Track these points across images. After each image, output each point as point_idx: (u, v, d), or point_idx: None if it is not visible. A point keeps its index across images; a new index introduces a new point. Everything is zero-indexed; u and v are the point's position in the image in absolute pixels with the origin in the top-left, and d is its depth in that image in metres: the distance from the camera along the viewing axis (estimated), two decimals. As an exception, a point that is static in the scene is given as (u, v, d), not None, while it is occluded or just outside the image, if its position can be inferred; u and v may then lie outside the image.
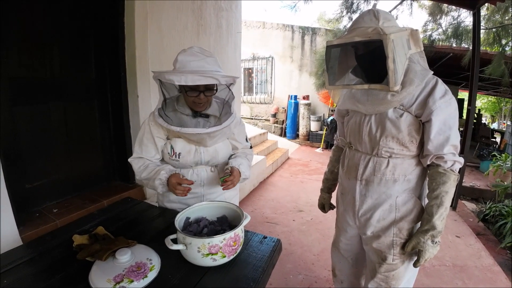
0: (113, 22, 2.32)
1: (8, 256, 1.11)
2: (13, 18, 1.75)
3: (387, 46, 1.04)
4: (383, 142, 1.24)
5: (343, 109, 1.49)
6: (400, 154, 1.25)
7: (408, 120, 1.19)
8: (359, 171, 1.34)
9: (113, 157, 2.55)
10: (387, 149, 1.24)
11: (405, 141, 1.21)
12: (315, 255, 2.65)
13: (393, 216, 1.30)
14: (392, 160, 1.26)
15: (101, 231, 1.23)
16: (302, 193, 4.25)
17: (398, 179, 1.28)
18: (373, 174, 1.30)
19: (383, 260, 1.34)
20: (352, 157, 1.40)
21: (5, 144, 1.65)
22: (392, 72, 1.07)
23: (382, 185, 1.30)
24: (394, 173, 1.27)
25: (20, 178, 1.87)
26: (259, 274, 1.04)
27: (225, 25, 3.76)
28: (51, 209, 2.00)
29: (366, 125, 1.30)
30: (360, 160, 1.35)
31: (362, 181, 1.34)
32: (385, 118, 1.22)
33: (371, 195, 1.33)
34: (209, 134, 1.30)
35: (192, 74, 1.16)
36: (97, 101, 2.37)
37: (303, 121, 8.17)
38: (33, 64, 1.90)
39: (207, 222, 1.20)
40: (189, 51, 1.25)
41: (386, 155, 1.26)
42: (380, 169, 1.28)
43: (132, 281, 0.93)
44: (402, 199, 1.29)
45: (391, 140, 1.22)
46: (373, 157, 1.30)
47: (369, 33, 1.09)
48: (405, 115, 1.19)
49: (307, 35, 8.67)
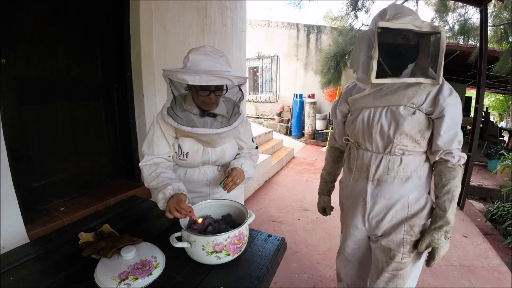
0: (119, 22, 2.34)
1: (15, 253, 1.12)
2: (20, 18, 1.77)
3: (443, 39, 1.05)
4: (397, 139, 1.21)
5: (344, 108, 1.45)
6: (413, 151, 1.24)
7: (420, 118, 1.19)
8: (371, 171, 1.31)
9: (119, 156, 2.57)
10: (401, 146, 1.22)
11: (417, 138, 1.21)
12: (320, 254, 2.64)
13: (405, 214, 1.29)
14: (405, 158, 1.25)
15: (107, 229, 1.25)
16: (308, 192, 4.23)
17: (411, 176, 1.26)
18: (386, 173, 1.28)
19: (391, 259, 1.31)
20: (361, 157, 1.35)
21: (12, 143, 1.67)
22: (441, 65, 1.07)
23: (395, 184, 1.27)
24: (407, 170, 1.26)
25: (28, 177, 1.89)
26: (263, 272, 1.04)
27: (229, 24, 3.76)
28: (58, 207, 2.02)
29: (377, 123, 1.26)
30: (371, 160, 1.30)
31: (374, 181, 1.31)
32: (398, 116, 1.21)
33: (384, 195, 1.30)
34: (219, 135, 1.29)
35: (207, 74, 1.15)
36: (104, 101, 2.39)
37: (309, 119, 8.15)
38: (40, 64, 1.92)
39: (211, 220, 1.20)
40: (202, 50, 1.23)
41: (399, 153, 1.24)
42: (394, 167, 1.26)
43: (137, 279, 0.93)
44: (414, 196, 1.28)
45: (405, 137, 1.21)
46: (385, 155, 1.27)
47: (422, 25, 1.07)
48: (417, 112, 1.19)
49: (312, 33, 8.63)
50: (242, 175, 1.38)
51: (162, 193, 1.19)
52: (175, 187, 1.21)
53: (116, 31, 2.35)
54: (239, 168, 1.38)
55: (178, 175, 1.42)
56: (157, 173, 1.31)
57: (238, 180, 1.35)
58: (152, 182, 1.29)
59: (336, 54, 6.60)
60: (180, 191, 1.20)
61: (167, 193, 1.19)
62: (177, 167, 1.46)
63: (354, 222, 1.42)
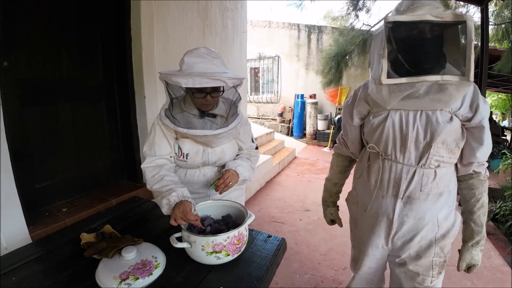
0: (120, 24, 2.35)
1: (17, 253, 1.14)
2: (21, 20, 1.78)
3: (471, 29, 0.87)
4: (434, 149, 1.06)
5: (363, 109, 1.22)
6: (448, 162, 1.12)
7: (456, 125, 1.06)
8: (402, 187, 1.13)
9: (121, 157, 2.59)
10: (438, 157, 1.08)
11: (453, 148, 1.08)
12: (322, 255, 2.65)
13: (434, 235, 1.16)
14: (439, 171, 1.11)
15: (108, 230, 1.26)
16: (309, 193, 4.24)
17: (443, 191, 1.14)
18: (419, 189, 1.12)
19: (420, 284, 1.19)
20: (389, 170, 1.16)
21: (15, 144, 1.68)
22: (470, 60, 0.89)
23: (428, 202, 1.13)
24: (440, 185, 1.13)
25: (30, 178, 1.90)
26: (263, 272, 1.04)
27: (230, 25, 3.77)
28: (61, 208, 2.03)
29: (412, 130, 1.08)
30: (402, 174, 1.13)
31: (404, 199, 1.15)
32: (435, 122, 1.05)
33: (414, 215, 1.15)
34: (215, 136, 1.30)
35: (200, 76, 1.15)
36: (105, 102, 2.40)
37: (310, 120, 8.15)
38: (42, 65, 1.93)
39: (212, 221, 1.21)
40: (196, 52, 1.23)
41: (434, 165, 1.10)
42: (428, 183, 1.11)
43: (138, 279, 0.94)
44: (444, 214, 1.16)
45: (441, 146, 1.07)
46: (419, 168, 1.11)
47: (443, 14, 0.90)
48: (454, 119, 1.06)
49: (313, 34, 8.63)
50: (236, 177, 1.37)
51: (166, 199, 1.18)
52: (179, 194, 1.19)
53: (117, 32, 2.36)
54: (232, 170, 1.37)
55: (178, 176, 1.42)
56: (161, 176, 1.29)
57: (231, 182, 1.34)
58: (155, 185, 1.27)
59: (337, 54, 6.61)
60: (184, 198, 1.19)
61: (171, 200, 1.17)
62: (178, 168, 1.46)
63: (374, 242, 1.27)
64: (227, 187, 1.33)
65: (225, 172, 1.36)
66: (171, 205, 1.17)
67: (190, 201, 1.19)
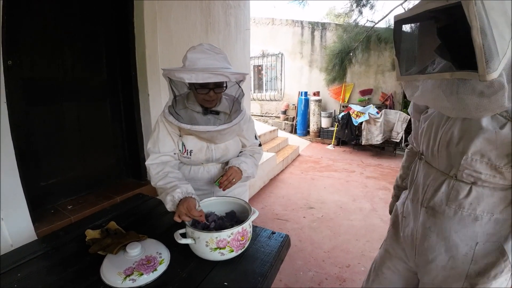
0: (123, 23, 2.36)
1: (22, 250, 1.15)
2: (25, 20, 1.79)
3: (468, 10, 0.67)
4: (466, 161, 0.85)
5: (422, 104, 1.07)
6: (491, 182, 0.85)
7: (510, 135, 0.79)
8: (427, 194, 0.99)
9: (125, 155, 2.60)
10: (471, 171, 0.86)
11: (500, 165, 0.81)
12: (326, 252, 2.64)
13: (466, 269, 0.94)
14: (477, 189, 0.88)
15: (113, 226, 1.26)
16: (313, 190, 4.23)
17: (481, 217, 0.89)
18: (445, 203, 0.94)
19: None
20: (421, 172, 1.04)
21: (20, 143, 1.70)
22: (481, 50, 0.67)
23: (455, 221, 0.93)
24: (476, 208, 0.89)
25: (36, 176, 1.92)
26: (267, 269, 1.04)
27: (233, 22, 3.77)
28: (66, 206, 2.05)
29: (445, 132, 0.92)
30: (429, 180, 0.99)
31: (428, 208, 0.99)
32: (477, 128, 0.84)
33: (437, 231, 0.97)
34: (219, 132, 1.29)
35: (203, 72, 1.15)
36: (109, 101, 2.42)
37: (314, 117, 8.11)
38: (46, 65, 1.95)
39: (215, 217, 1.21)
40: (199, 48, 1.23)
41: (469, 180, 0.88)
42: (457, 198, 0.91)
43: (142, 274, 0.95)
44: (485, 248, 0.91)
45: (479, 160, 0.83)
46: (449, 178, 0.92)
47: None
48: (509, 127, 0.79)
49: (317, 31, 8.58)
50: (239, 174, 1.38)
51: (170, 196, 1.18)
52: (183, 190, 1.20)
53: (120, 31, 2.38)
54: (236, 167, 1.38)
55: (182, 173, 1.43)
56: (165, 173, 1.30)
57: (234, 179, 1.35)
58: (160, 182, 1.28)
59: (341, 51, 6.57)
60: (189, 195, 1.19)
61: (176, 197, 1.18)
62: (182, 165, 1.47)
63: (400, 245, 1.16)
64: (230, 184, 1.34)
65: (229, 169, 1.37)
66: (175, 202, 1.18)
67: (194, 198, 1.19)
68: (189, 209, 1.11)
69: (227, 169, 1.37)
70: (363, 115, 6.10)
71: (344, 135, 6.59)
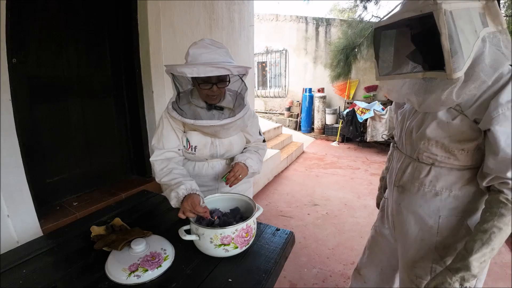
0: (127, 20, 2.36)
1: (28, 246, 1.16)
2: (30, 18, 1.80)
3: (438, 19, 0.81)
4: (424, 145, 1.03)
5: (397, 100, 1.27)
6: (446, 163, 1.01)
7: (462, 125, 0.94)
8: (397, 175, 1.17)
9: (130, 152, 2.61)
10: (429, 154, 1.03)
11: (452, 148, 0.97)
12: (330, 249, 2.64)
13: (434, 241, 1.08)
14: (435, 169, 1.04)
15: (118, 222, 1.27)
16: (317, 187, 4.22)
17: (441, 193, 1.04)
18: (411, 181, 1.11)
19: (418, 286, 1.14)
20: (395, 158, 1.23)
21: (26, 140, 1.71)
22: (448, 53, 0.82)
23: (419, 197, 1.09)
24: (435, 184, 1.05)
25: (41, 173, 1.94)
26: (271, 265, 1.04)
27: (237, 18, 3.75)
28: (71, 202, 2.07)
29: (410, 122, 1.10)
30: (399, 163, 1.17)
31: (399, 187, 1.17)
32: (433, 118, 1.00)
33: (406, 207, 1.14)
34: (223, 126, 1.29)
35: (204, 65, 1.15)
36: (114, 98, 2.42)
37: (318, 114, 8.08)
38: (51, 62, 1.95)
39: (220, 214, 1.21)
40: (200, 43, 1.23)
41: (428, 162, 1.05)
42: (419, 177, 1.08)
43: (147, 270, 0.95)
44: (448, 221, 1.05)
45: (435, 144, 1.00)
46: (413, 161, 1.10)
47: (420, 6, 0.86)
48: (460, 118, 0.94)
49: (321, 27, 8.52)
50: (245, 171, 1.38)
51: (175, 192, 1.18)
52: (188, 187, 1.19)
53: (124, 28, 2.37)
54: (242, 164, 1.38)
55: (187, 169, 1.43)
56: (169, 169, 1.30)
57: (241, 175, 1.35)
58: (164, 178, 1.28)
59: (346, 47, 6.50)
60: (193, 191, 1.19)
61: (180, 193, 1.18)
62: (186, 161, 1.47)
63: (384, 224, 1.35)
64: (237, 180, 1.34)
65: (235, 165, 1.37)
66: (179, 198, 1.17)
67: (199, 194, 1.19)
68: (194, 205, 1.11)
69: (234, 165, 1.37)
70: (368, 111, 6.06)
71: (349, 132, 6.55)
